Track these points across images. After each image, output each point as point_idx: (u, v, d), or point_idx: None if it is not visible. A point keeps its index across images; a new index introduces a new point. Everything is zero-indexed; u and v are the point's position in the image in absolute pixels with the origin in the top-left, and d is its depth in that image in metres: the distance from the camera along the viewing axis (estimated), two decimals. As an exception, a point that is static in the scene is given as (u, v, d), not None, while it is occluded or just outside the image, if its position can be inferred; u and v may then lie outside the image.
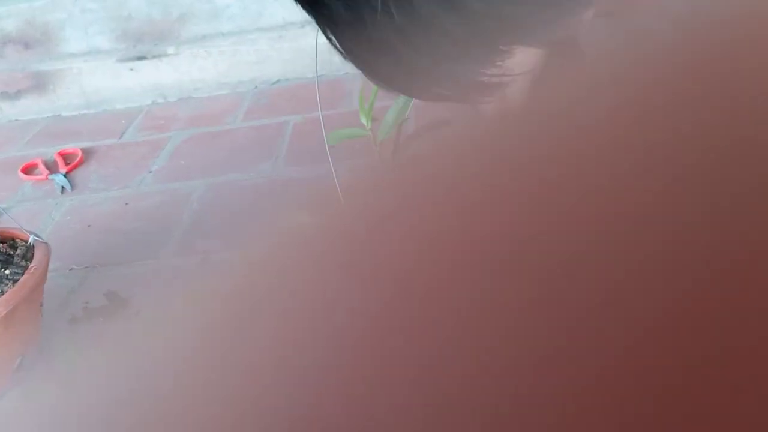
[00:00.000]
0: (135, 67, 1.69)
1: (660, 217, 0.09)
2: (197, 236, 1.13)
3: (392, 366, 0.09)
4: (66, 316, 0.99)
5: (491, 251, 0.10)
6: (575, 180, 0.10)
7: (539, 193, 0.10)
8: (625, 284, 0.09)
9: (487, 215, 0.10)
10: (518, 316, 0.09)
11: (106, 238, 1.17)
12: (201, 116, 1.59)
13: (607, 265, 0.09)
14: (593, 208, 0.10)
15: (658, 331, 0.08)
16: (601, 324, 0.08)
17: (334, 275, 0.11)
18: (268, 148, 1.38)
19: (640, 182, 0.10)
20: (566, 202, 0.10)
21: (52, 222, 1.25)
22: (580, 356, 0.08)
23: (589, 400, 0.08)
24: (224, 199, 1.23)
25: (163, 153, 1.45)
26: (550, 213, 0.10)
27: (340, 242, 0.11)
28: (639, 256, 0.09)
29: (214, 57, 1.67)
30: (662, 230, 0.09)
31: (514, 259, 0.09)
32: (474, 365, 0.08)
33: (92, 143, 1.54)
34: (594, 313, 0.08)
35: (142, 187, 1.33)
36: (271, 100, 1.61)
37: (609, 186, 0.10)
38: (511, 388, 0.08)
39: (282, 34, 1.64)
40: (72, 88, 1.71)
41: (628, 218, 0.09)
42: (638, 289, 0.08)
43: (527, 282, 0.09)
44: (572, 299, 0.09)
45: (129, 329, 0.14)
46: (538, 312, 0.09)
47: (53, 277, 1.03)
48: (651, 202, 0.09)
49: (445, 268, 0.10)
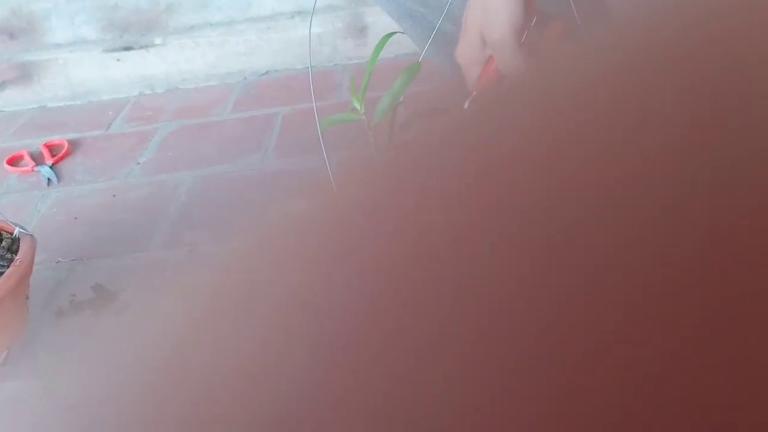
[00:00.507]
0: (122, 57, 1.67)
1: (659, 181, 0.09)
2: (185, 228, 1.12)
3: (387, 359, 0.09)
4: (53, 309, 0.98)
5: (488, 228, 0.09)
6: (573, 147, 0.10)
7: (536, 161, 0.10)
8: (625, 250, 0.08)
9: (483, 191, 0.10)
10: (518, 294, 0.09)
11: (93, 231, 1.16)
12: (189, 108, 1.58)
13: (607, 231, 0.09)
14: (591, 174, 0.10)
15: (659, 296, 0.08)
16: (601, 292, 0.08)
17: (327, 266, 0.10)
18: (257, 139, 1.37)
19: (638, 145, 0.10)
20: (565, 168, 0.10)
21: (38, 214, 1.24)
22: (580, 324, 0.08)
23: (588, 372, 0.08)
24: (212, 191, 1.22)
25: (151, 144, 1.43)
26: (549, 180, 0.10)
27: (334, 232, 0.11)
28: (639, 221, 0.09)
29: (202, 48, 1.66)
30: (661, 194, 0.09)
31: (512, 233, 0.09)
32: (472, 351, 0.08)
33: (79, 135, 1.52)
34: (594, 282, 0.08)
35: (129, 178, 1.32)
36: (260, 91, 1.60)
37: (607, 150, 0.10)
38: (514, 362, 0.08)
39: (271, 24, 1.63)
40: (58, 78, 1.69)
41: (627, 182, 0.09)
42: (638, 254, 0.08)
43: (526, 256, 0.09)
44: (571, 270, 0.09)
45: (118, 323, 0.13)
46: (539, 283, 0.09)
47: (39, 269, 1.02)
48: (650, 166, 0.09)
49: (442, 253, 0.10)
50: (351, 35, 1.64)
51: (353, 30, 1.63)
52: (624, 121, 0.10)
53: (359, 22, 1.63)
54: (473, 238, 0.09)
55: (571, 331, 0.08)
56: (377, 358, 0.09)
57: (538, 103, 0.11)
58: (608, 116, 0.10)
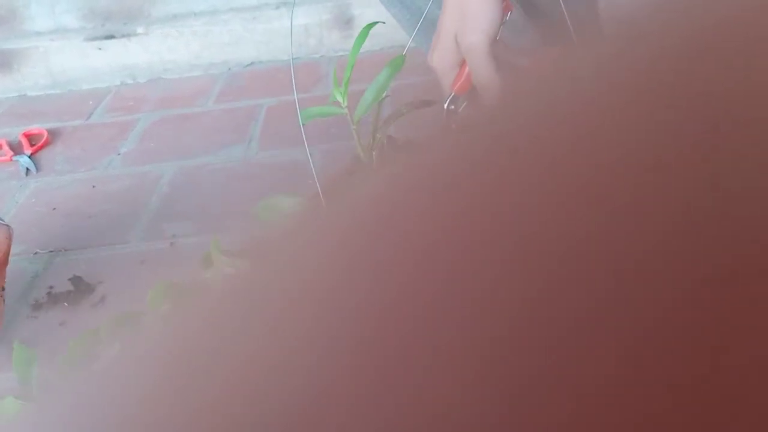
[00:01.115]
0: (103, 46, 1.65)
1: (663, 203, 0.09)
2: (166, 220, 1.11)
3: (398, 365, 0.08)
4: (29, 301, 0.97)
5: (495, 246, 0.09)
6: (579, 162, 0.10)
7: (541, 178, 0.10)
8: (631, 275, 0.08)
9: (491, 205, 0.10)
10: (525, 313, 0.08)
11: (71, 222, 1.14)
12: (172, 98, 1.56)
13: (612, 256, 0.08)
14: (597, 191, 0.09)
15: (667, 325, 0.08)
16: (608, 320, 0.08)
17: (340, 270, 0.10)
18: (241, 131, 1.36)
19: (643, 162, 0.09)
20: (571, 184, 0.09)
21: (15, 204, 1.22)
22: (586, 352, 0.08)
23: (596, 399, 0.07)
24: (195, 182, 1.21)
25: (132, 135, 1.42)
26: (555, 196, 0.09)
27: (346, 235, 0.11)
28: (644, 245, 0.08)
29: (185, 37, 1.64)
30: (665, 218, 0.09)
31: (518, 249, 0.09)
32: (482, 364, 0.08)
33: (59, 124, 1.50)
34: (602, 308, 0.08)
35: (109, 169, 1.30)
36: (245, 82, 1.59)
37: (612, 167, 0.09)
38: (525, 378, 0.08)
39: (256, 15, 1.61)
40: (38, 67, 1.67)
41: (632, 202, 0.09)
42: (645, 279, 0.08)
43: (533, 277, 0.09)
44: (580, 288, 0.08)
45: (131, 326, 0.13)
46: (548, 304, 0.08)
47: (16, 261, 1.01)
48: (657, 182, 0.09)
49: (449, 265, 0.09)
50: (337, 27, 1.62)
51: (340, 22, 1.62)
52: (619, 138, 0.10)
53: (346, 14, 1.61)
54: (479, 257, 0.09)
55: (579, 359, 0.08)
56: (387, 366, 0.08)
57: (532, 121, 0.11)
58: (603, 133, 0.10)
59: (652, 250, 0.08)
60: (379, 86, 0.59)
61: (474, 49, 0.61)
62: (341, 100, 0.60)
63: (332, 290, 0.10)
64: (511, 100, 0.13)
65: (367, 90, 0.60)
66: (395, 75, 0.61)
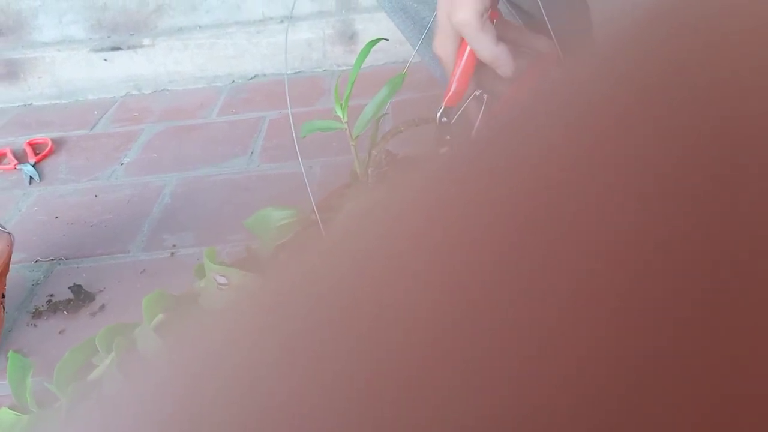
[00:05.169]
0: (109, 57, 1.66)
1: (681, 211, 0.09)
2: (167, 230, 1.11)
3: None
4: (29, 309, 0.97)
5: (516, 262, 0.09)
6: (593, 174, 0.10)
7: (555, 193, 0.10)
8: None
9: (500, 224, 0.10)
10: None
11: (73, 231, 1.15)
12: (176, 109, 1.57)
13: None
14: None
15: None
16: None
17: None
18: (243, 143, 1.36)
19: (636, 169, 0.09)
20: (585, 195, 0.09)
21: (18, 213, 1.22)
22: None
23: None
24: (197, 193, 1.21)
25: (136, 145, 1.42)
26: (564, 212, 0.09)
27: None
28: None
29: (190, 50, 1.65)
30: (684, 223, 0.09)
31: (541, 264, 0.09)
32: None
33: (63, 133, 1.51)
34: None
35: (112, 179, 1.31)
36: (248, 95, 1.60)
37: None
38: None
39: (260, 29, 1.63)
40: (44, 77, 1.68)
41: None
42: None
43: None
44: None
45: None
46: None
47: (17, 268, 1.01)
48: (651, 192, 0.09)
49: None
50: (341, 41, 1.64)
51: (343, 36, 1.63)
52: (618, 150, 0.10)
53: (349, 29, 1.63)
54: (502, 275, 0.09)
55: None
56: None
57: (533, 139, 0.11)
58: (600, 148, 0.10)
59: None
60: (378, 104, 0.60)
61: (464, 26, 0.61)
62: (341, 116, 0.60)
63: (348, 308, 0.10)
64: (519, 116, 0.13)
65: (366, 107, 0.61)
66: (394, 94, 0.62)
